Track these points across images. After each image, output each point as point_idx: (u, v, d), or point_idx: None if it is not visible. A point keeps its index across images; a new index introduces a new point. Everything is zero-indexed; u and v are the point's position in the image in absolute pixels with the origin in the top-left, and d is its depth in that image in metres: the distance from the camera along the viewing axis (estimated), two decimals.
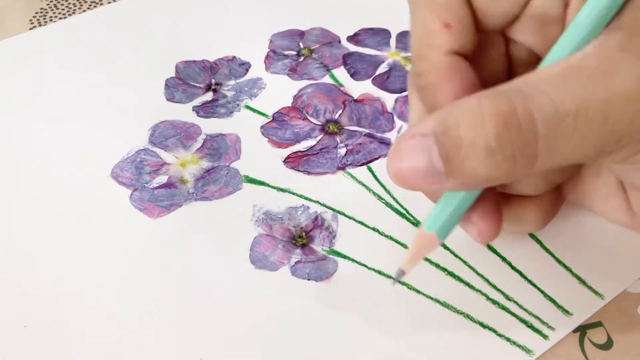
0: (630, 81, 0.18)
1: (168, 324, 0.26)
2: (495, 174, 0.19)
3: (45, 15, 0.41)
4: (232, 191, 0.31)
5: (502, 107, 0.18)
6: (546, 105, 0.18)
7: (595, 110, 0.18)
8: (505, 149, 0.19)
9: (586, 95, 0.18)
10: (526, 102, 0.18)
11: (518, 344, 0.25)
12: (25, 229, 0.29)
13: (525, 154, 0.19)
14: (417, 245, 0.23)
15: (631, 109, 0.18)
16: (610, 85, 0.18)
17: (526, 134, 0.18)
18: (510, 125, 0.18)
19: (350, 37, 0.39)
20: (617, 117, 0.18)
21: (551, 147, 0.19)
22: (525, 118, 0.18)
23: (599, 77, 0.18)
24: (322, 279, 0.27)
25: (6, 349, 0.25)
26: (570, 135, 0.19)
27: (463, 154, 0.19)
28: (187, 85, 0.36)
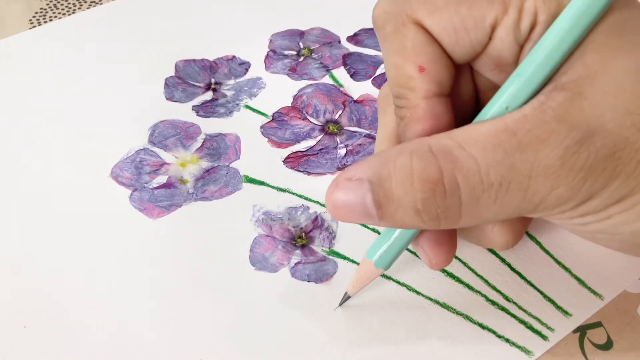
0: (555, 156, 0.19)
1: (168, 324, 0.26)
2: (421, 226, 0.21)
3: (45, 15, 0.41)
4: (231, 191, 0.31)
5: (431, 173, 0.20)
6: (472, 173, 0.19)
7: (517, 183, 0.19)
8: (430, 211, 0.20)
9: (512, 166, 0.19)
10: (454, 169, 0.19)
11: (517, 344, 0.25)
12: (25, 229, 0.29)
13: (448, 216, 0.20)
14: (362, 274, 0.25)
15: (549, 184, 0.19)
16: (535, 159, 0.19)
17: (450, 200, 0.20)
18: (435, 192, 0.20)
19: (350, 37, 0.39)
20: (536, 190, 0.19)
21: (473, 212, 0.20)
22: (450, 186, 0.20)
23: (527, 147, 0.19)
24: (322, 280, 0.27)
25: (6, 349, 0.25)
26: (492, 204, 0.20)
27: (393, 207, 0.20)
28: (187, 85, 0.36)
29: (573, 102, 0.19)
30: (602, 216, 0.20)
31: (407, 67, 0.21)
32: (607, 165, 0.19)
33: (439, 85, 0.22)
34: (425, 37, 0.21)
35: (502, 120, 0.20)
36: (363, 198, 0.21)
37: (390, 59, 0.22)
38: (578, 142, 0.19)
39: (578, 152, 0.19)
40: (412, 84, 0.22)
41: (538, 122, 0.19)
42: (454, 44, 0.21)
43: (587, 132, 0.19)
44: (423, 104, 0.21)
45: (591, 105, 0.19)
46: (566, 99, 0.19)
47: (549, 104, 0.19)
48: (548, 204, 0.20)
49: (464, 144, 0.20)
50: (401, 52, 0.22)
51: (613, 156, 0.19)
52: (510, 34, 0.20)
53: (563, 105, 0.19)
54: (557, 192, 0.19)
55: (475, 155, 0.19)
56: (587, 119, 0.19)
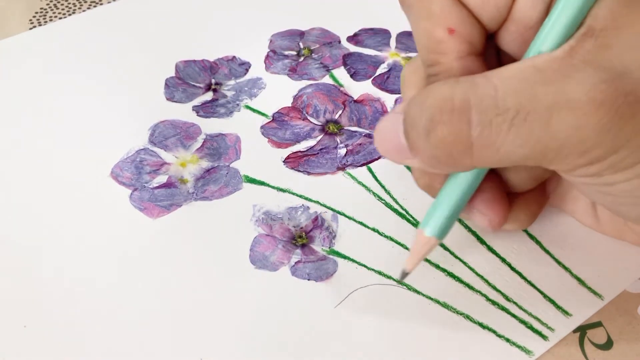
0: (581, 91, 0.18)
1: (168, 324, 0.26)
2: (437, 154, 0.20)
3: (45, 15, 0.41)
4: (232, 191, 0.31)
5: (444, 91, 0.19)
6: (487, 96, 0.19)
7: (537, 113, 0.19)
8: (438, 131, 0.20)
9: (533, 96, 0.19)
10: (470, 89, 0.19)
11: (518, 344, 0.25)
12: (25, 229, 0.29)
13: (458, 140, 0.20)
14: (417, 246, 0.24)
15: (574, 120, 0.19)
16: (561, 92, 0.19)
17: (458, 119, 0.19)
18: (443, 109, 0.19)
19: (350, 37, 0.39)
20: (559, 125, 0.19)
21: (486, 139, 0.19)
22: (460, 103, 0.19)
23: (554, 81, 0.19)
24: (322, 279, 0.27)
25: (6, 349, 0.25)
26: (507, 131, 0.19)
27: (414, 132, 0.20)
28: (187, 85, 0.36)
29: (601, 51, 0.19)
30: (630, 174, 0.20)
31: (437, 30, 0.21)
32: (636, 112, 0.18)
33: (471, 45, 0.22)
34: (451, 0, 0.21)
35: (532, 60, 0.20)
36: (397, 129, 0.21)
37: (419, 25, 0.22)
38: (606, 81, 0.18)
39: (606, 90, 0.18)
40: (444, 47, 0.21)
41: (566, 64, 0.19)
42: (479, 7, 0.21)
43: (616, 74, 0.18)
44: (457, 65, 0.21)
45: (617, 57, 0.19)
46: (595, 47, 0.19)
47: (578, 49, 0.19)
48: (574, 148, 0.19)
49: (490, 74, 0.20)
50: (429, 17, 0.22)
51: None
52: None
53: (591, 52, 0.19)
54: (582, 132, 0.19)
55: (496, 83, 0.19)
56: (614, 65, 0.19)
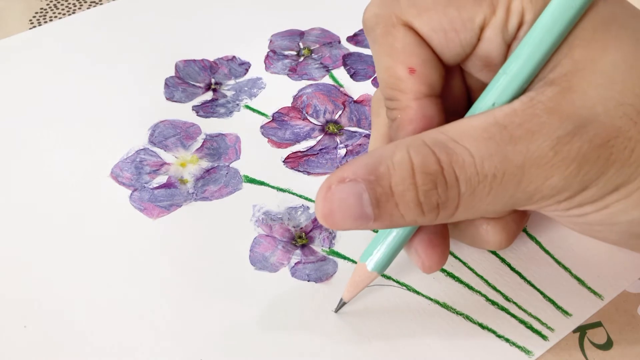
0: (547, 147, 0.19)
1: (168, 323, 0.26)
2: (419, 220, 0.21)
3: (45, 15, 0.41)
4: (232, 191, 0.31)
5: (432, 166, 0.20)
6: (468, 165, 0.19)
7: (511, 174, 0.19)
8: (431, 203, 0.20)
9: (505, 158, 0.19)
10: (451, 161, 0.20)
11: (517, 344, 0.25)
12: (25, 229, 0.29)
13: (447, 208, 0.20)
14: (358, 278, 0.24)
15: (542, 174, 0.19)
16: (528, 151, 0.19)
17: (451, 191, 0.20)
18: (437, 184, 0.20)
19: (350, 37, 0.39)
20: (529, 180, 0.19)
21: (469, 203, 0.20)
22: (450, 177, 0.20)
23: (519, 139, 0.19)
24: (322, 280, 0.27)
25: (6, 349, 0.25)
26: (487, 194, 0.20)
27: (392, 203, 0.20)
28: (187, 85, 0.36)
29: (564, 96, 0.19)
30: (600, 206, 0.20)
31: (398, 68, 0.22)
32: (601, 154, 0.19)
33: (430, 87, 0.22)
34: (415, 38, 0.21)
35: (492, 114, 0.20)
36: (359, 198, 0.20)
37: (381, 61, 0.22)
38: (570, 132, 0.19)
39: (571, 142, 0.19)
40: (403, 86, 0.22)
41: (528, 116, 0.19)
42: (443, 45, 0.21)
43: (579, 123, 0.19)
44: (414, 105, 0.22)
45: (582, 98, 0.19)
46: (556, 93, 0.19)
47: (539, 99, 0.19)
48: (543, 194, 0.20)
49: (457, 137, 0.20)
50: (391, 53, 0.22)
51: (606, 144, 0.19)
52: (499, 34, 0.21)
53: (553, 99, 0.19)
54: (551, 182, 0.19)
55: (469, 147, 0.19)
56: (578, 111, 0.19)
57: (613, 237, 0.22)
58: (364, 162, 0.20)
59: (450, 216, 0.21)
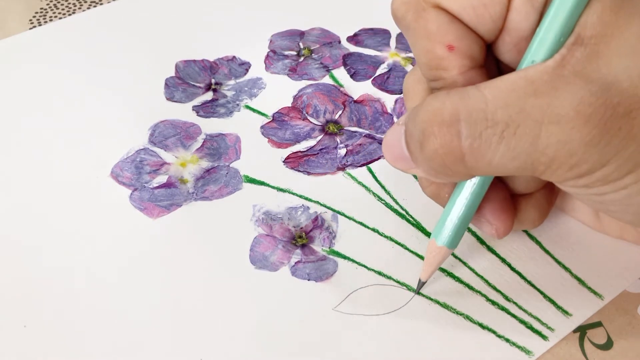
0: (569, 105, 0.19)
1: (168, 324, 0.26)
2: (433, 165, 0.21)
3: (45, 15, 0.41)
4: (232, 191, 0.31)
5: (434, 104, 0.20)
6: (477, 109, 0.19)
7: (527, 127, 0.19)
8: (430, 144, 0.20)
9: (522, 110, 0.19)
10: (460, 102, 0.20)
11: (517, 344, 0.25)
12: (25, 229, 0.29)
13: (449, 152, 0.20)
14: (430, 256, 0.25)
15: (562, 134, 0.19)
16: (549, 106, 0.19)
17: (447, 131, 0.20)
18: (433, 121, 0.20)
19: (350, 37, 0.39)
20: (548, 139, 0.19)
21: (477, 151, 0.20)
22: (449, 117, 0.20)
23: (543, 94, 0.19)
24: (322, 279, 0.27)
25: (6, 349, 0.25)
26: (497, 144, 0.19)
27: (412, 145, 0.21)
28: (187, 85, 0.36)
29: (590, 61, 0.19)
30: (618, 186, 0.20)
31: (437, 48, 0.22)
32: (623, 125, 0.19)
33: (472, 59, 0.22)
34: (448, 17, 0.22)
35: (525, 71, 0.20)
36: (400, 140, 0.22)
37: (418, 45, 0.22)
38: (594, 94, 0.18)
39: (594, 104, 0.18)
40: (445, 64, 0.22)
41: (557, 75, 0.19)
42: (475, 22, 0.22)
43: (604, 87, 0.19)
44: (461, 79, 0.22)
45: (607, 65, 0.19)
46: (584, 56, 0.19)
47: (569, 59, 0.19)
48: (562, 162, 0.19)
49: (482, 86, 0.20)
50: (427, 36, 0.22)
51: (629, 115, 0.19)
52: (527, 3, 0.21)
53: (581, 61, 0.19)
54: (570, 147, 0.19)
55: (486, 94, 0.19)
56: (603, 76, 0.19)
57: (628, 217, 0.22)
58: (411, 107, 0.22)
59: (461, 162, 0.20)
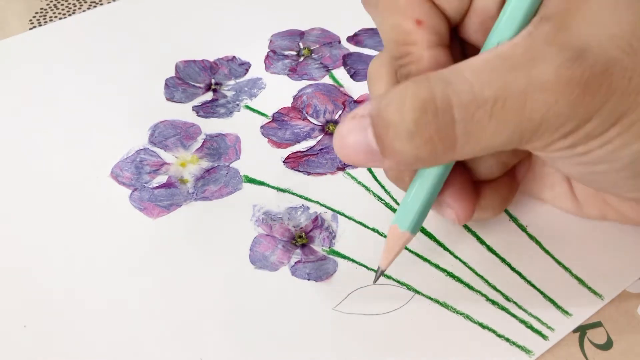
0: (550, 72, 0.19)
1: (168, 323, 0.26)
2: (420, 154, 0.21)
3: (45, 15, 0.41)
4: (232, 191, 0.31)
5: (423, 93, 0.20)
6: (465, 91, 0.20)
7: (513, 99, 0.19)
8: (423, 132, 0.20)
9: (506, 83, 0.19)
10: (446, 88, 0.20)
11: (518, 344, 0.25)
12: (25, 229, 0.29)
13: (443, 138, 0.20)
14: (391, 241, 0.24)
15: (548, 99, 0.19)
16: (531, 75, 0.19)
17: (443, 118, 0.20)
18: (427, 110, 0.20)
19: (350, 37, 0.39)
20: (534, 106, 0.19)
21: (469, 133, 0.20)
22: (442, 104, 0.20)
23: (521, 66, 0.19)
24: (322, 279, 0.27)
25: (6, 349, 0.25)
26: (488, 121, 0.20)
27: (390, 135, 0.21)
28: (187, 85, 0.36)
29: (559, 30, 0.20)
30: (603, 140, 0.20)
31: (405, 23, 0.22)
32: (603, 81, 0.19)
33: (439, 35, 0.22)
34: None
35: (495, 50, 0.20)
36: (365, 133, 0.21)
37: (386, 21, 0.23)
38: (570, 59, 0.19)
39: (572, 67, 0.19)
40: (413, 38, 0.22)
41: (529, 46, 0.20)
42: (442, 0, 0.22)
43: (578, 52, 0.19)
44: (427, 54, 0.22)
45: (576, 34, 0.20)
46: (552, 28, 0.20)
47: (537, 33, 0.20)
48: (549, 124, 0.20)
49: (458, 69, 0.20)
50: (396, 11, 0.22)
51: (606, 72, 0.19)
52: None
53: (550, 33, 0.20)
54: (557, 108, 0.19)
55: (469, 77, 0.20)
56: (575, 42, 0.19)
57: (613, 178, 0.22)
58: (373, 99, 0.21)
59: (451, 147, 0.21)
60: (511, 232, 0.29)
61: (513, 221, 0.29)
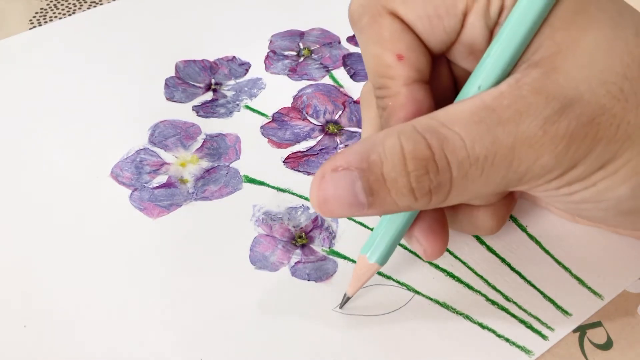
0: (536, 126, 0.19)
1: (168, 323, 0.26)
2: (413, 205, 0.21)
3: (45, 15, 0.41)
4: (232, 191, 0.31)
5: (423, 152, 0.20)
6: (459, 149, 0.20)
7: (502, 155, 0.20)
8: (423, 188, 0.20)
9: (495, 140, 0.19)
10: (444, 145, 0.20)
11: (517, 344, 0.25)
12: (25, 229, 0.29)
13: (439, 192, 0.20)
14: (360, 271, 0.24)
15: (533, 154, 0.19)
16: (517, 132, 0.19)
17: (442, 175, 0.20)
18: (429, 169, 0.20)
19: (350, 37, 0.39)
20: (520, 161, 0.20)
21: (462, 186, 0.20)
22: (442, 162, 0.20)
23: (508, 120, 0.19)
24: (322, 279, 0.27)
25: (6, 349, 0.25)
26: (479, 176, 0.20)
27: (385, 190, 0.20)
28: (187, 85, 0.36)
29: (548, 76, 0.19)
30: (588, 183, 0.20)
31: (386, 56, 0.22)
32: (589, 132, 0.19)
33: (418, 72, 0.22)
34: (401, 26, 0.22)
35: (480, 98, 0.20)
36: (352, 187, 0.20)
37: (369, 49, 0.23)
38: (557, 111, 0.19)
39: (558, 121, 0.19)
40: (392, 72, 0.22)
41: (515, 98, 0.19)
42: (429, 32, 0.22)
43: (565, 102, 0.19)
44: (404, 91, 0.22)
45: (566, 79, 0.19)
46: (541, 74, 0.19)
47: (525, 80, 0.20)
48: (534, 174, 0.20)
49: (447, 122, 0.20)
50: (379, 42, 0.22)
51: (593, 122, 0.19)
52: (481, 19, 0.21)
53: (538, 80, 0.19)
54: (541, 161, 0.20)
55: (459, 132, 0.20)
56: (563, 90, 0.19)
57: (600, 215, 0.23)
58: (356, 150, 0.20)
59: (444, 200, 0.21)
60: (511, 232, 0.29)
61: (513, 221, 0.29)
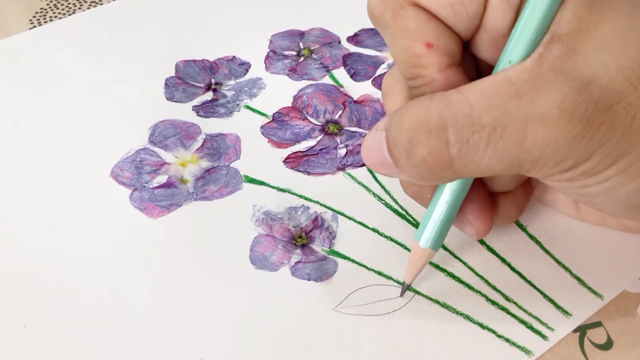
0: (552, 104, 0.19)
1: (168, 323, 0.26)
2: (420, 172, 0.21)
3: (45, 15, 0.41)
4: (232, 191, 0.31)
5: (420, 112, 0.20)
6: (463, 114, 0.19)
7: (512, 129, 0.19)
8: (417, 152, 0.20)
9: (506, 112, 0.19)
10: (444, 109, 0.20)
11: (517, 344, 0.25)
12: (25, 229, 0.29)
13: (438, 159, 0.20)
14: (414, 258, 0.25)
15: (547, 132, 0.19)
16: (532, 106, 0.19)
17: (435, 139, 0.20)
18: (420, 130, 0.20)
19: (350, 37, 0.39)
20: (534, 138, 0.19)
21: (465, 156, 0.20)
22: (436, 125, 0.20)
23: (524, 95, 0.19)
24: (322, 279, 0.27)
25: (6, 349, 0.25)
26: (485, 148, 0.20)
27: (396, 152, 0.21)
28: (187, 85, 0.36)
29: (568, 57, 0.19)
30: (601, 178, 0.20)
31: (415, 46, 0.22)
32: (605, 119, 0.19)
33: (450, 56, 0.22)
34: (426, 15, 0.22)
35: (505, 72, 0.20)
36: (382, 146, 0.22)
37: (397, 43, 0.22)
38: (576, 90, 0.19)
39: (576, 101, 0.19)
40: (424, 61, 0.22)
41: (536, 74, 0.19)
42: (452, 19, 0.22)
43: (584, 83, 0.19)
44: (439, 77, 0.22)
45: (584, 61, 0.19)
46: (562, 53, 0.19)
47: (546, 57, 0.20)
48: (548, 159, 0.20)
49: (463, 90, 0.20)
50: (406, 34, 0.22)
51: (610, 109, 0.19)
52: (504, 1, 0.21)
53: (559, 58, 0.19)
54: (556, 145, 0.19)
55: (471, 99, 0.20)
56: (582, 73, 0.19)
57: (610, 208, 0.23)
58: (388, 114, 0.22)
59: (449, 168, 0.20)
60: (511, 232, 0.29)
61: None
